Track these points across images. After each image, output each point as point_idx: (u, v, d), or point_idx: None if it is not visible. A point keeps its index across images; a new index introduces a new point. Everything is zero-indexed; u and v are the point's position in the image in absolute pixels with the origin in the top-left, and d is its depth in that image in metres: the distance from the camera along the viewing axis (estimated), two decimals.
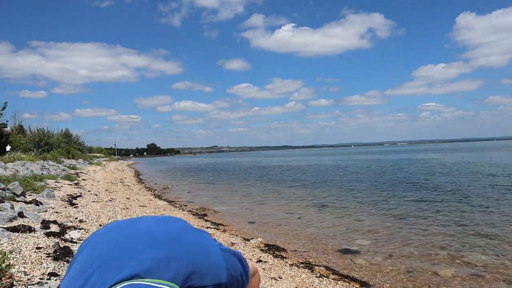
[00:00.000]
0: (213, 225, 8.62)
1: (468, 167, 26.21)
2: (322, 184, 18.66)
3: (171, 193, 16.39)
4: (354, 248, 6.72)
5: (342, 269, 5.58)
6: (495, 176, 18.77)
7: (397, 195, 13.38)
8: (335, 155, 78.79)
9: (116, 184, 16.30)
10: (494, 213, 9.39)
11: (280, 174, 27.94)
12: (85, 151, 50.79)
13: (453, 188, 14.72)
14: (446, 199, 11.93)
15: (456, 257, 6.04)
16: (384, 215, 9.82)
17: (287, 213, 10.59)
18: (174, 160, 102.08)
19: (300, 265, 5.61)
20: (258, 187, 18.70)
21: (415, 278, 5.17)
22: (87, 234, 4.83)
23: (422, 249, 6.56)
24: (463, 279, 5.09)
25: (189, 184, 22.18)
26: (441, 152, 65.83)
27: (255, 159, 76.09)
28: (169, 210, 10.32)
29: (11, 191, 6.73)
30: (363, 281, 5.04)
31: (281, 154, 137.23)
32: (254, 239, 7.12)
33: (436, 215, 9.45)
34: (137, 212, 8.46)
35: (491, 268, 5.48)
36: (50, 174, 12.94)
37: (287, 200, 13.40)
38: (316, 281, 4.80)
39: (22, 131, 30.58)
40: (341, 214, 10.11)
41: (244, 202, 13.20)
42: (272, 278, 4.69)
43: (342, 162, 43.14)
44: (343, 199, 13.10)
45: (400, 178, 20.19)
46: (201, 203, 12.79)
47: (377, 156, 62.52)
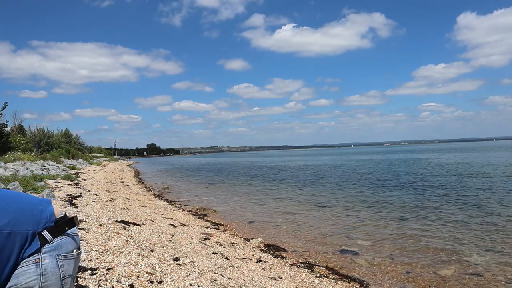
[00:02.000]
0: (213, 225, 8.62)
1: (468, 167, 26.20)
2: (322, 184, 18.65)
3: (171, 193, 16.39)
4: (354, 248, 6.72)
5: (342, 269, 5.58)
6: (495, 176, 18.77)
7: (397, 195, 13.38)
8: (335, 155, 78.79)
9: (116, 184, 16.29)
10: (494, 214, 9.39)
11: (280, 174, 27.93)
12: (85, 151, 50.78)
13: (453, 188, 14.72)
14: (446, 200, 11.93)
15: (456, 257, 6.04)
16: (384, 215, 9.82)
17: (287, 213, 10.59)
18: (174, 160, 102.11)
19: (300, 265, 5.61)
20: (258, 187, 18.69)
21: (415, 278, 5.17)
22: (87, 234, 4.83)
23: (422, 249, 6.56)
24: (463, 279, 5.09)
25: (189, 184, 22.18)
26: (441, 152, 65.82)
27: (255, 159, 76.09)
28: (169, 210, 10.32)
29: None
30: (363, 281, 5.04)
31: (281, 154, 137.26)
32: (254, 239, 7.12)
33: (436, 216, 9.45)
34: (137, 212, 8.45)
35: (491, 268, 5.48)
36: (50, 174, 12.94)
37: (287, 200, 13.40)
38: (316, 281, 4.80)
39: (22, 131, 30.57)
40: (341, 214, 10.11)
41: (244, 202, 13.20)
42: (272, 278, 4.68)
43: (342, 162, 43.14)
44: (343, 199, 13.10)
45: (400, 178, 20.18)
46: (201, 203, 12.79)
47: (377, 156, 62.53)
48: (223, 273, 4.41)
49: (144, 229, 6.27)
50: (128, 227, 6.03)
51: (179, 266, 4.21)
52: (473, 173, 21.17)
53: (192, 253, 5.16)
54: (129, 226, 6.10)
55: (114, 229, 5.47)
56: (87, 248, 4.08)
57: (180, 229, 7.25)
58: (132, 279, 3.39)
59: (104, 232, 5.14)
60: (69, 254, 1.35)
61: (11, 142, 22.72)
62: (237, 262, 5.20)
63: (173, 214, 9.60)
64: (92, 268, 3.46)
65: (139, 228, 6.23)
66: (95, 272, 3.37)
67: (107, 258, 3.85)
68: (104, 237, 4.79)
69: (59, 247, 1.33)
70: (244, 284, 4.20)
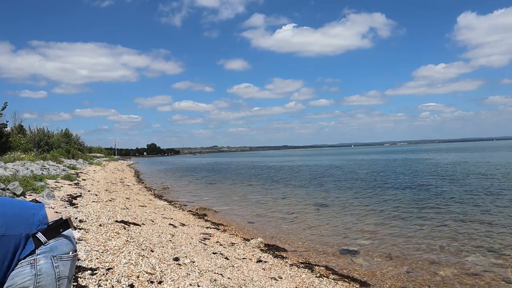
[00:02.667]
0: (213, 225, 8.62)
1: (467, 167, 26.21)
2: (322, 184, 18.66)
3: (171, 193, 16.39)
4: (354, 248, 6.72)
5: (342, 269, 5.58)
6: (495, 177, 18.77)
7: (397, 195, 13.38)
8: (335, 155, 78.80)
9: (116, 184, 16.30)
10: (494, 214, 9.40)
11: (280, 174, 27.94)
12: (85, 151, 50.76)
13: (453, 189, 14.72)
14: (445, 200, 11.94)
15: (456, 257, 6.04)
16: (384, 215, 9.82)
17: (287, 213, 10.59)
18: (174, 160, 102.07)
19: (300, 265, 5.61)
20: (258, 187, 18.70)
21: (415, 278, 5.17)
22: (87, 234, 4.83)
23: (422, 249, 6.56)
24: (463, 279, 5.09)
25: (189, 184, 22.18)
26: (441, 152, 65.82)
27: (255, 159, 76.09)
28: (169, 210, 10.32)
29: (11, 191, 6.73)
30: (363, 281, 5.04)
31: (281, 154, 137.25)
32: (254, 239, 7.12)
33: (436, 216, 9.45)
34: (137, 212, 8.45)
35: (491, 268, 5.49)
36: (50, 174, 12.94)
37: (287, 200, 13.40)
38: (316, 281, 4.80)
39: (22, 131, 30.55)
40: (341, 214, 10.12)
41: (244, 202, 13.20)
42: (272, 278, 4.68)
43: (342, 162, 43.14)
44: (342, 199, 13.10)
45: (400, 178, 20.19)
46: (201, 203, 12.79)
47: (377, 156, 62.54)
48: (223, 273, 4.41)
49: (144, 229, 6.27)
50: (128, 227, 6.03)
51: (179, 266, 4.21)
52: (473, 173, 21.18)
53: (192, 253, 5.16)
54: (129, 226, 6.10)
55: (114, 229, 5.47)
56: (87, 248, 4.08)
57: (180, 229, 7.25)
58: (132, 279, 3.39)
59: (104, 232, 5.14)
60: (65, 255, 1.39)
61: (11, 142, 22.70)
62: (237, 262, 5.20)
63: (173, 214, 9.60)
64: (92, 268, 3.46)
65: (139, 228, 6.23)
66: (95, 272, 3.37)
67: (107, 258, 3.85)
68: (104, 237, 4.79)
69: (54, 249, 1.36)
70: (244, 284, 4.20)
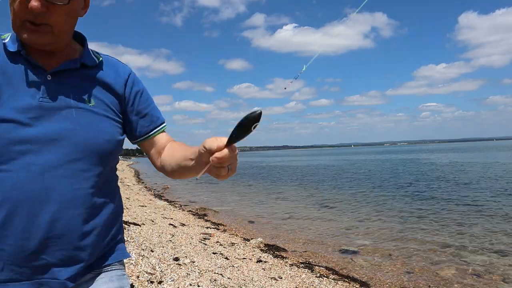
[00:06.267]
0: (213, 225, 8.62)
1: (467, 168, 26.20)
2: (322, 184, 18.65)
3: (171, 193, 16.38)
4: (354, 248, 6.71)
5: (342, 269, 5.57)
6: (495, 177, 18.76)
7: (397, 195, 13.38)
8: (335, 155, 78.78)
9: None
10: (494, 214, 9.39)
11: (280, 174, 27.93)
12: None
13: (453, 188, 14.72)
14: (446, 200, 11.93)
15: (456, 257, 6.04)
16: (384, 215, 9.81)
17: (287, 213, 10.58)
18: None
19: (300, 265, 5.61)
20: (258, 187, 18.69)
21: (415, 278, 5.17)
22: None
23: (422, 249, 6.56)
24: (463, 279, 5.09)
25: (189, 184, 22.17)
26: (441, 152, 65.81)
27: (255, 159, 76.08)
28: (169, 210, 10.32)
29: None
30: (363, 281, 5.04)
31: (281, 154, 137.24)
32: (254, 239, 7.12)
33: (436, 215, 9.44)
34: (137, 212, 8.46)
35: (491, 268, 5.48)
36: None
37: (287, 200, 13.40)
38: (316, 281, 4.80)
39: None
40: (341, 214, 10.11)
41: (244, 202, 13.20)
42: (272, 278, 4.68)
43: (342, 162, 43.13)
44: (343, 199, 13.09)
45: (400, 178, 20.18)
46: (201, 203, 12.79)
47: (377, 156, 62.52)
48: (223, 273, 4.41)
49: (144, 229, 6.27)
50: (128, 227, 6.03)
51: (179, 266, 4.21)
52: (473, 173, 21.17)
53: (192, 253, 5.17)
54: (129, 226, 6.10)
55: None
56: None
57: (180, 229, 7.25)
58: (132, 279, 3.39)
59: None
60: None
61: None
62: (237, 262, 5.20)
63: (173, 214, 9.60)
64: None
65: (139, 228, 6.23)
66: None
67: None
68: None
69: None
70: (244, 284, 4.20)
